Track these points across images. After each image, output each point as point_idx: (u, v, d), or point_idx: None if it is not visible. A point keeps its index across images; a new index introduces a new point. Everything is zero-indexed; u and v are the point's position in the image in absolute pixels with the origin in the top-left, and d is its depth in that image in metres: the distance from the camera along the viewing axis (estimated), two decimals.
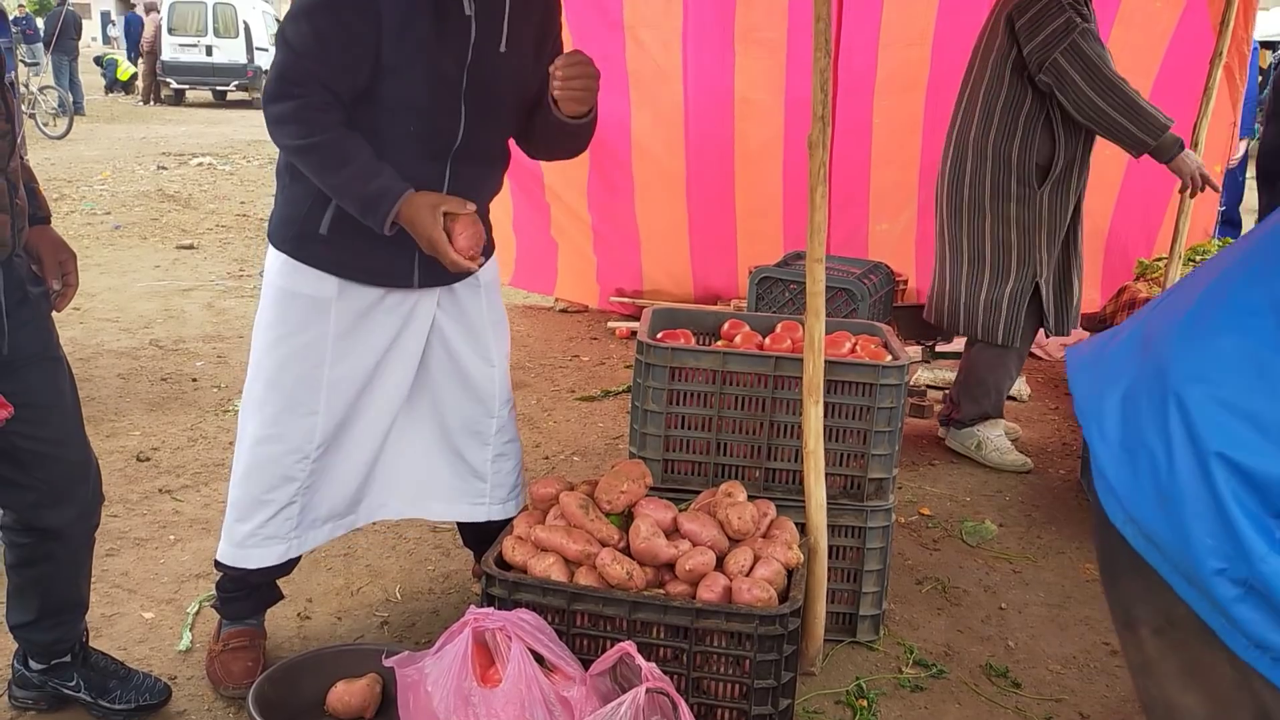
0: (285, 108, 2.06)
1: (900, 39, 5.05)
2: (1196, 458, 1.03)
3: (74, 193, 9.65)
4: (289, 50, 2.06)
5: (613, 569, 2.11)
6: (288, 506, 2.36)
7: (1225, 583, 1.02)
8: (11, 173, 1.86)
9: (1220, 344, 1.08)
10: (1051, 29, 3.44)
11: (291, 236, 2.25)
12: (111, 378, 4.65)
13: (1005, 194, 3.72)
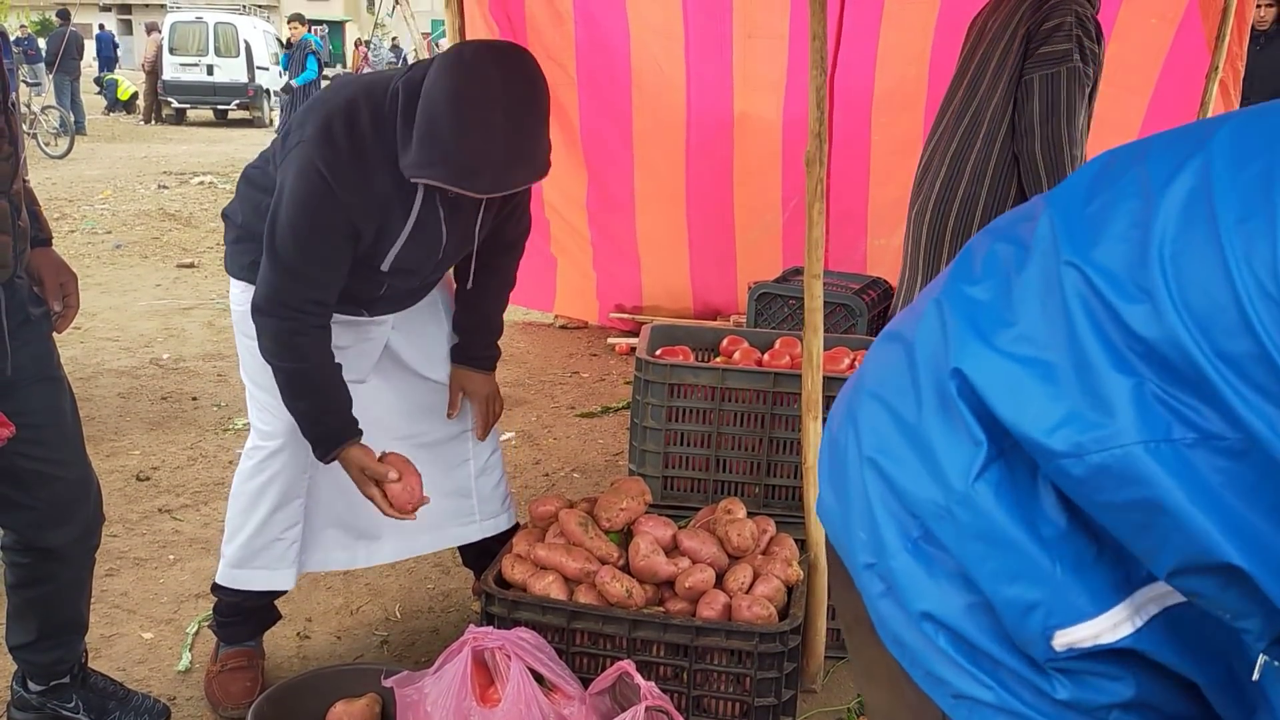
0: (272, 324, 2.08)
1: (898, 57, 5.07)
2: (859, 454, 1.05)
3: (75, 212, 9.67)
4: (283, 272, 2.05)
5: (612, 587, 2.11)
6: (287, 529, 2.36)
7: (873, 578, 1.03)
8: (14, 195, 1.87)
9: (888, 342, 1.10)
10: (1050, 50, 3.31)
11: (248, 264, 2.24)
12: (112, 397, 4.65)
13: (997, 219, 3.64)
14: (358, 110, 2.02)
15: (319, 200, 1.99)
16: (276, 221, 2.03)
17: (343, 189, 1.99)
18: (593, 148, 5.29)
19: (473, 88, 1.89)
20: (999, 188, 3.49)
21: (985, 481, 0.92)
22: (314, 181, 1.99)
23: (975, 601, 0.95)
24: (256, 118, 21.05)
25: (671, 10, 5.00)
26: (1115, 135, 4.83)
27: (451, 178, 1.92)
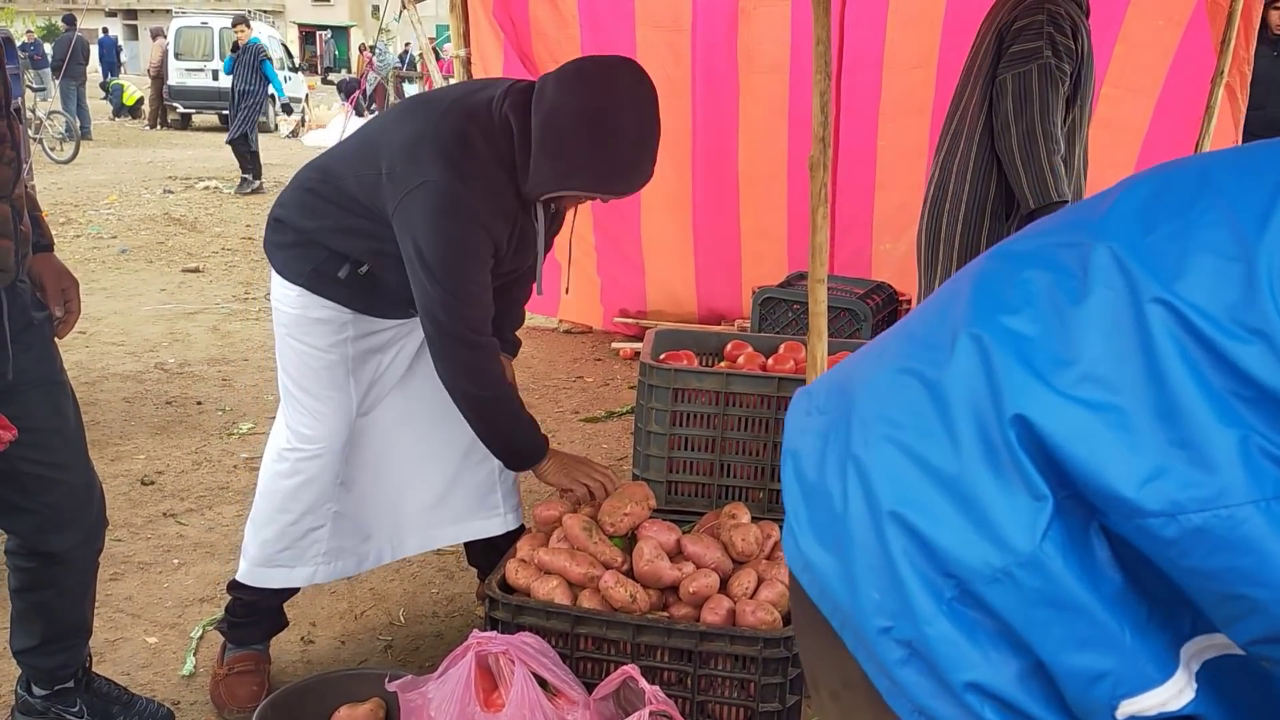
0: (472, 357, 2.16)
1: (904, 62, 5.06)
2: (869, 506, 0.94)
3: (81, 217, 9.69)
4: (462, 303, 2.11)
5: (616, 592, 2.11)
6: (314, 529, 2.39)
7: (890, 643, 0.92)
8: (16, 199, 1.87)
9: (900, 379, 0.98)
10: (1020, 49, 3.35)
11: (307, 273, 2.27)
12: (117, 401, 4.66)
13: (978, 224, 3.58)
14: (470, 138, 2.09)
15: (468, 230, 2.08)
16: (429, 262, 2.07)
17: (487, 217, 2.09)
18: None
19: (605, 98, 2.03)
20: (978, 187, 3.56)
21: (1051, 541, 0.84)
22: (458, 215, 2.06)
23: (1027, 667, 0.87)
24: (261, 123, 21.05)
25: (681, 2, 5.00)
26: (1122, 135, 4.83)
27: (594, 185, 2.07)
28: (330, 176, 2.25)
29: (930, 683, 0.90)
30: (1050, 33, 3.31)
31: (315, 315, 2.28)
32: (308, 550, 2.40)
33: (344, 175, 2.22)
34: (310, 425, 2.34)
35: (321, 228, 2.24)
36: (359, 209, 2.18)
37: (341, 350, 2.32)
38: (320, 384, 2.33)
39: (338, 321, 2.29)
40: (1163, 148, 4.98)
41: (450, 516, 2.56)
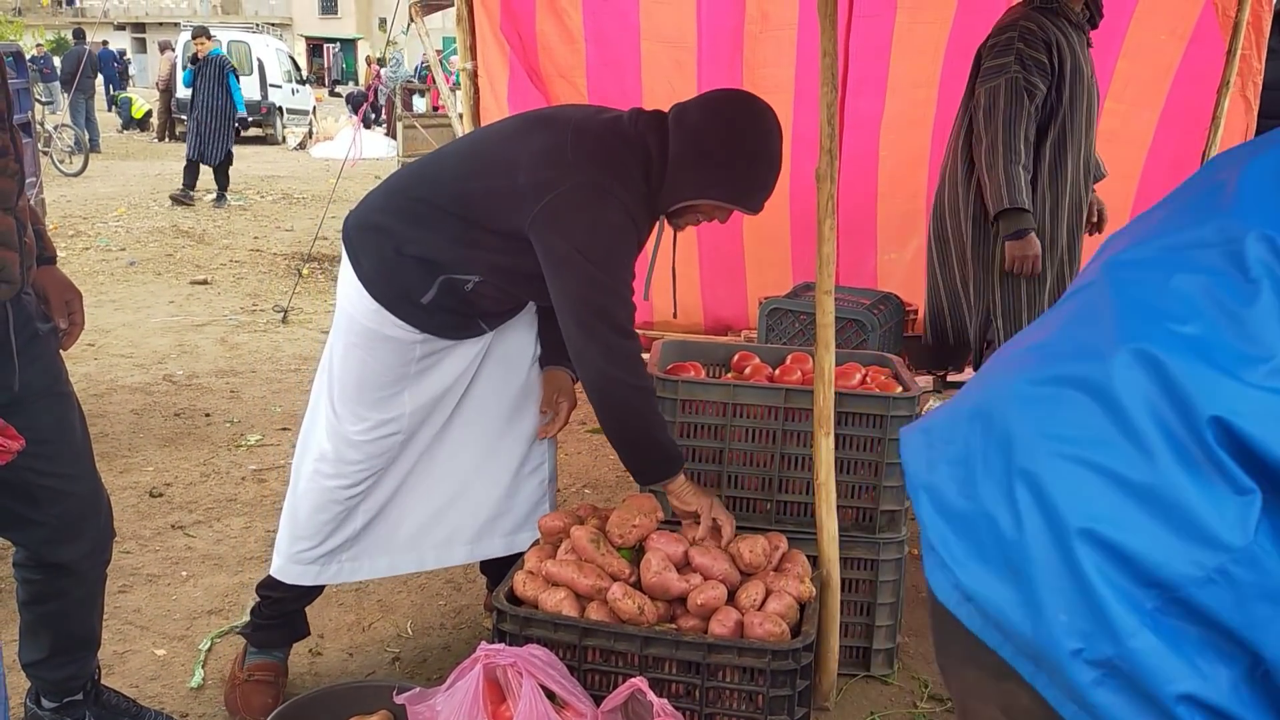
0: (631, 346, 2.21)
1: (908, 82, 5.09)
2: (1051, 526, 0.92)
3: (89, 229, 9.73)
4: (620, 298, 2.19)
5: (624, 604, 2.10)
6: (345, 529, 2.42)
7: (1082, 665, 0.90)
8: (20, 212, 1.88)
9: (1056, 395, 0.97)
10: (990, 64, 3.55)
11: (392, 295, 2.28)
12: (125, 413, 4.67)
13: (966, 228, 3.76)
14: (616, 148, 2.22)
15: (623, 221, 2.18)
16: (590, 258, 2.13)
17: (633, 208, 2.20)
18: None
19: (755, 121, 2.24)
20: (965, 192, 3.81)
21: (1264, 533, 0.84)
22: (612, 207, 2.15)
23: (1241, 673, 0.86)
24: (269, 135, 21.17)
25: (686, 20, 5.01)
26: (1126, 149, 4.84)
27: (732, 196, 2.25)
28: (443, 184, 2.27)
29: (1130, 701, 0.88)
30: (1019, 48, 3.49)
31: (388, 333, 2.30)
32: (335, 550, 2.43)
33: (462, 183, 2.25)
34: (357, 433, 2.36)
35: (432, 239, 2.24)
36: (484, 220, 2.21)
37: (403, 370, 2.34)
38: (373, 398, 2.35)
39: (407, 342, 2.31)
40: (1168, 159, 4.98)
41: (503, 528, 2.59)
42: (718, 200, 2.24)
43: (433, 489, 2.50)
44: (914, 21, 4.93)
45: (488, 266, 2.24)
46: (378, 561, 2.50)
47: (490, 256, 2.23)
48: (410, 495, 2.49)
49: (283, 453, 4.26)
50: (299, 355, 5.80)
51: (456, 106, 5.44)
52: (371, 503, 2.43)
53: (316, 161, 17.13)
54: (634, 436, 2.25)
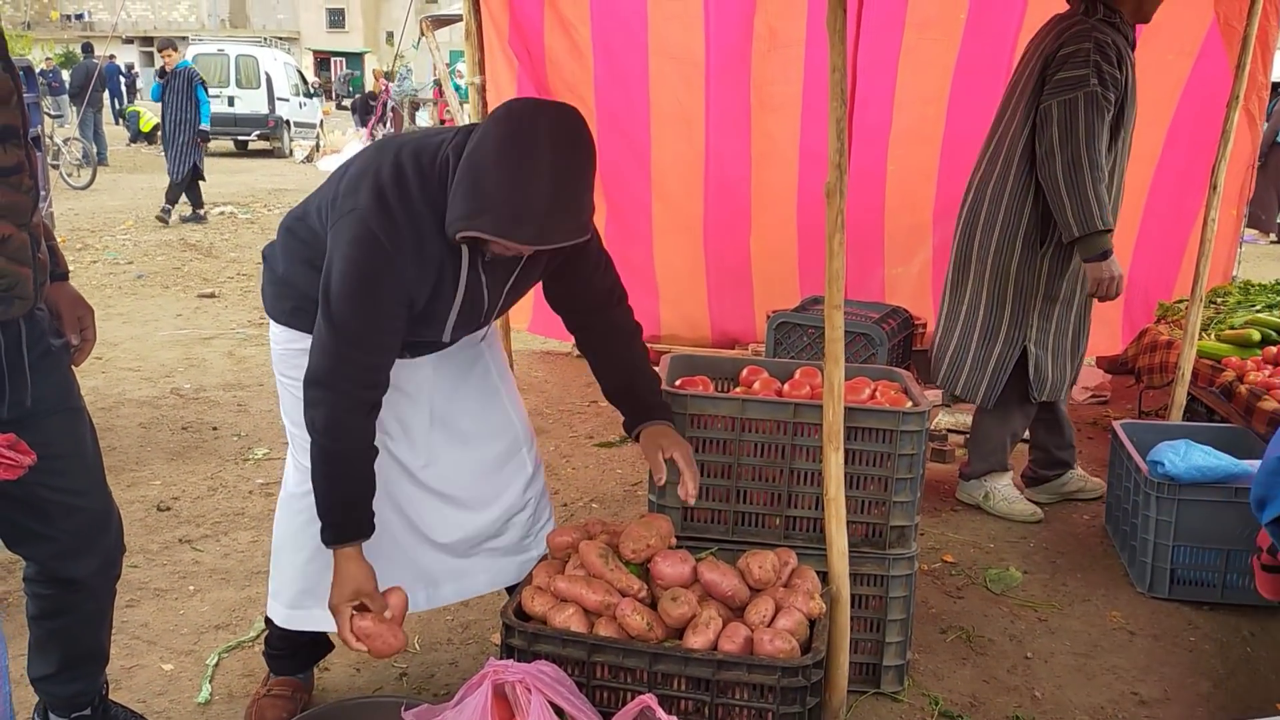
0: (329, 398, 2.03)
1: (916, 97, 5.10)
2: None
3: (97, 242, 9.77)
4: (342, 342, 2.01)
5: (633, 620, 2.10)
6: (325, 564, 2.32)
7: None
8: (34, 228, 1.89)
9: None
10: (1066, 76, 3.37)
11: (289, 309, 2.26)
12: (133, 427, 4.67)
13: (1009, 250, 3.62)
14: (406, 176, 2.03)
15: (378, 267, 1.98)
16: (331, 290, 2.00)
17: (400, 255, 1.99)
18: (611, 179, 5.32)
19: (521, 137, 1.89)
20: (1013, 212, 3.61)
21: None
22: (371, 249, 1.98)
23: None
24: (276, 148, 21.26)
25: (694, 37, 5.02)
26: (1135, 165, 4.84)
27: (497, 227, 1.89)
28: (305, 213, 2.24)
29: None
30: (1096, 60, 3.33)
31: (299, 347, 2.21)
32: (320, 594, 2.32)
33: (311, 211, 2.20)
34: (307, 463, 2.26)
35: (292, 263, 2.22)
36: (319, 243, 2.12)
37: None
38: None
39: None
40: (1176, 174, 4.99)
41: (511, 546, 2.50)
42: (483, 232, 1.90)
43: (413, 529, 2.39)
44: (921, 38, 4.93)
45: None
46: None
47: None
48: (412, 524, 2.39)
49: None
50: None
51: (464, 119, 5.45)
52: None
53: (323, 175, 17.13)
54: (319, 488, 2.09)
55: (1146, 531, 3.26)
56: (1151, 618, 3.17)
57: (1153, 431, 3.64)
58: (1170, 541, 3.22)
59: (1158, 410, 4.74)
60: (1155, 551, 3.24)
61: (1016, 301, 3.66)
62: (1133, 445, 3.46)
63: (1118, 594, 3.31)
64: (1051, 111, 3.39)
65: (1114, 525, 3.68)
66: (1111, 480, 3.72)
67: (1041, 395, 3.73)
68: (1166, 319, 4.89)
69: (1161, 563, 3.24)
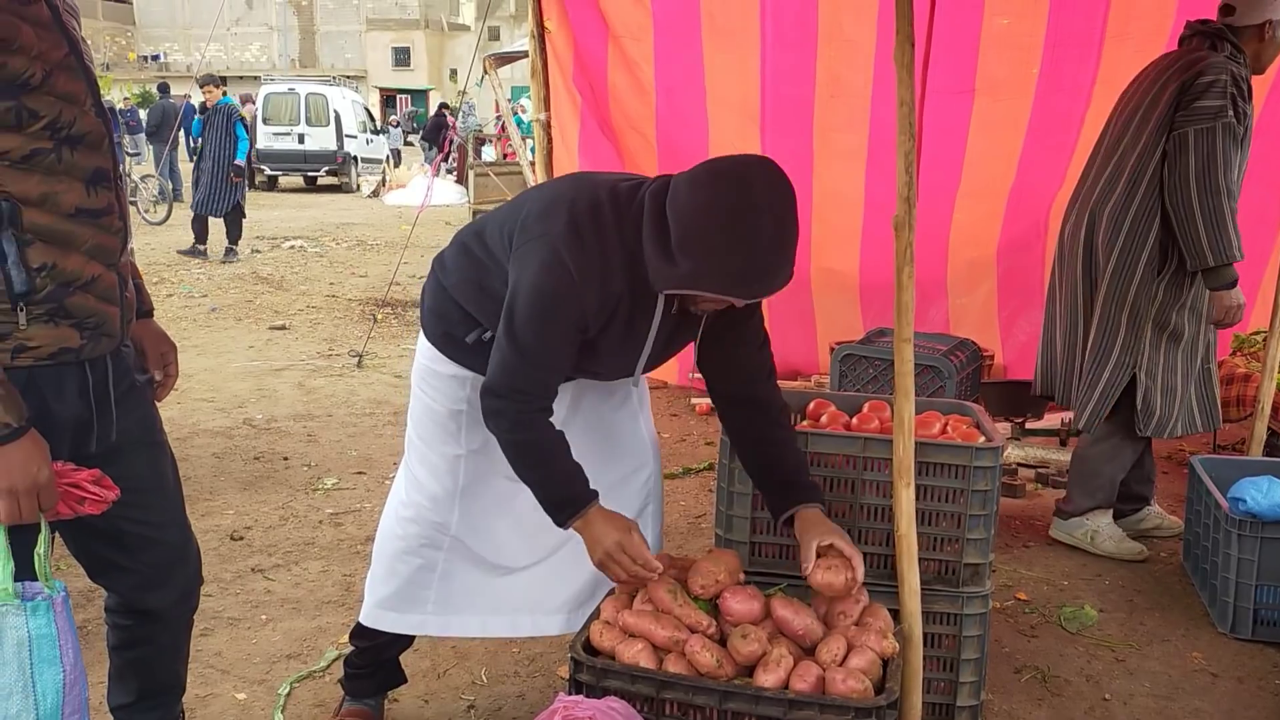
0: (505, 405, 2.11)
1: (986, 156, 5.03)
2: None
3: (173, 276, 10.03)
4: (521, 358, 2.08)
5: (702, 656, 2.08)
6: (424, 575, 2.43)
7: None
8: (123, 268, 1.95)
9: None
10: (1205, 105, 3.36)
11: (440, 333, 2.34)
12: (207, 457, 4.77)
13: (1129, 273, 3.55)
14: (604, 213, 2.09)
15: (562, 295, 2.05)
16: (516, 310, 2.07)
17: (585, 285, 2.05)
18: None
19: (740, 198, 1.93)
20: (1136, 237, 3.56)
21: None
22: (559, 275, 2.04)
23: None
24: (344, 183, 21.71)
25: (750, 85, 5.03)
26: None
27: (727, 288, 1.96)
28: (483, 235, 2.29)
29: None
30: (1233, 93, 3.35)
31: (441, 370, 2.35)
32: (417, 596, 2.44)
33: (493, 234, 2.25)
34: (423, 474, 2.42)
35: (463, 282, 2.28)
36: (496, 267, 2.20)
37: (457, 409, 2.36)
38: (435, 438, 2.39)
39: (460, 379, 2.34)
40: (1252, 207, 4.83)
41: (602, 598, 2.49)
42: (710, 292, 1.97)
43: (527, 553, 2.47)
44: (995, 101, 4.86)
45: (498, 316, 2.18)
46: (468, 620, 2.48)
47: (498, 307, 2.18)
48: (502, 555, 2.46)
49: (358, 496, 4.31)
50: (374, 399, 5.89)
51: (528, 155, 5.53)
52: (458, 555, 2.43)
53: (389, 209, 17.48)
54: (528, 479, 2.16)
55: (1228, 570, 3.16)
56: (1235, 659, 3.07)
57: (1232, 467, 3.54)
58: (1253, 581, 3.12)
59: (1236, 445, 4.61)
60: (1237, 591, 3.15)
61: (1130, 326, 3.58)
62: (1212, 481, 3.37)
63: (1198, 634, 3.22)
64: (1188, 139, 3.37)
65: (1193, 563, 3.57)
66: (1190, 517, 3.62)
67: (1148, 429, 3.62)
68: (1243, 351, 4.77)
69: (1244, 603, 3.15)
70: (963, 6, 4.55)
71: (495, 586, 2.48)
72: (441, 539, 2.42)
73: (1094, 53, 4.61)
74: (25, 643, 1.69)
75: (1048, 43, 4.64)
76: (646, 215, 2.06)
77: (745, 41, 4.91)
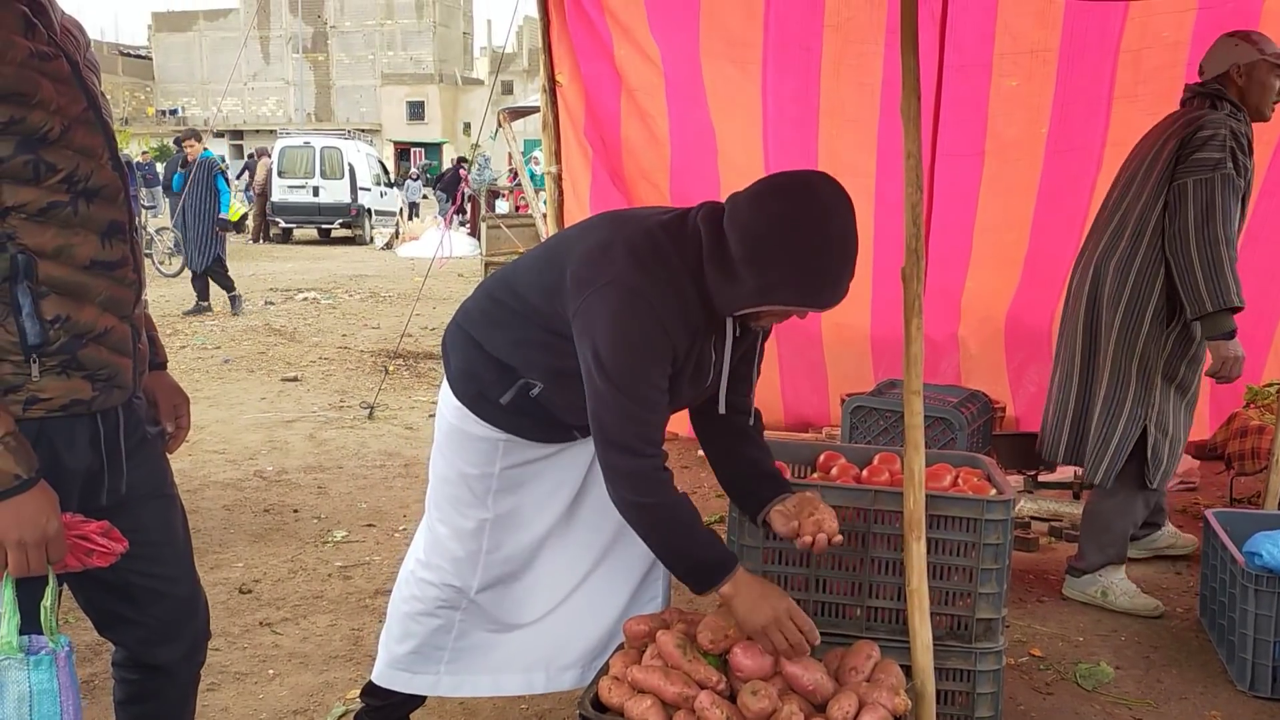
0: (640, 463, 2.07)
1: (997, 224, 5.05)
2: None
3: (186, 328, 10.09)
4: (634, 409, 2.04)
5: (712, 713, 2.05)
6: (439, 636, 2.41)
7: None
8: (136, 319, 1.96)
9: None
10: (1203, 157, 3.42)
11: (472, 393, 2.30)
12: (217, 509, 4.77)
13: (1137, 325, 3.57)
14: (661, 244, 2.07)
15: (650, 329, 2.02)
16: (604, 361, 2.01)
17: (667, 318, 2.03)
18: None
19: (810, 207, 1.96)
20: (1142, 287, 3.63)
21: None
22: (640, 311, 2.01)
23: None
24: (358, 235, 21.91)
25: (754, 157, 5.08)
26: None
27: (800, 298, 1.99)
28: (515, 285, 2.26)
29: None
30: (1232, 146, 3.43)
31: (471, 431, 2.31)
32: (430, 656, 2.42)
33: (529, 284, 2.21)
34: (445, 534, 2.40)
35: (503, 339, 2.24)
36: (539, 319, 2.16)
37: (488, 470, 2.33)
38: (462, 500, 2.37)
39: (491, 441, 2.30)
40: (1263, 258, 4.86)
41: (586, 657, 2.50)
42: (783, 304, 2.02)
43: (541, 608, 2.45)
44: (1004, 163, 4.89)
45: (549, 371, 2.19)
46: (480, 679, 2.46)
47: (551, 360, 2.18)
48: (517, 612, 2.44)
49: (367, 549, 4.30)
50: (384, 451, 5.89)
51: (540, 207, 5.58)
52: (474, 615, 2.42)
53: (402, 261, 17.62)
54: (661, 551, 2.15)
55: (1245, 626, 3.12)
56: (1255, 718, 3.01)
57: (1247, 521, 3.50)
58: (1271, 637, 3.07)
59: (1250, 498, 4.57)
60: (1256, 648, 3.10)
61: (1140, 379, 3.59)
62: (1227, 535, 3.33)
63: (1217, 692, 3.16)
64: (1187, 189, 3.43)
65: (1209, 618, 3.53)
66: (1205, 572, 3.58)
67: (1155, 481, 3.63)
68: (1256, 403, 4.74)
69: (1263, 660, 3.10)
70: (971, 70, 4.60)
71: (509, 643, 2.46)
72: (460, 600, 2.41)
73: (1103, 112, 4.64)
74: (26, 698, 1.68)
75: (1056, 102, 4.66)
76: (706, 240, 2.05)
77: (749, 113, 4.95)
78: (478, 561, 2.38)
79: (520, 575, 2.44)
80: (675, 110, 5.04)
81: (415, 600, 2.42)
